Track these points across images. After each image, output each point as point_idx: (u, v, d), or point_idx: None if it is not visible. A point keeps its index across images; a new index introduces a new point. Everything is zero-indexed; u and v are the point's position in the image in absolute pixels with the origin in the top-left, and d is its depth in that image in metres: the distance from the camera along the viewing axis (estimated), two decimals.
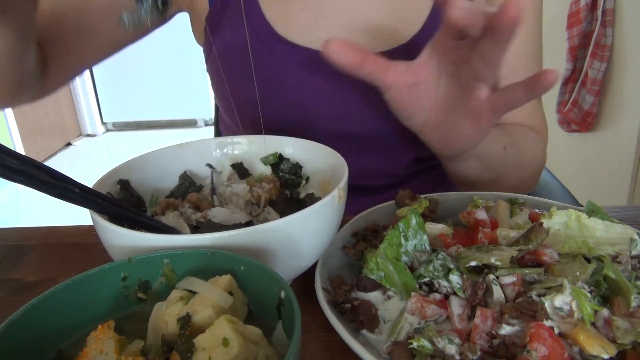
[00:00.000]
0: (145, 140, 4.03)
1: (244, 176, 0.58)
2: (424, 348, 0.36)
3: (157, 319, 0.33)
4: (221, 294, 0.33)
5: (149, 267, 0.37)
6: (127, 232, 0.38)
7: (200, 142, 0.59)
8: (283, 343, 0.32)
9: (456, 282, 0.41)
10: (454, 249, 0.46)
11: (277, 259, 0.40)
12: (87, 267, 0.35)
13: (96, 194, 0.41)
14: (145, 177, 0.54)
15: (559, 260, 0.43)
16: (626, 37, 1.78)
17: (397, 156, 0.76)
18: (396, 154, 0.75)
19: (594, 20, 1.88)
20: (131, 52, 0.80)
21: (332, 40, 0.48)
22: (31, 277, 0.54)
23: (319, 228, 0.43)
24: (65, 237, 0.62)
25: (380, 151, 0.65)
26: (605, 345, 0.35)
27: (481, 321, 0.37)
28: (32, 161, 0.36)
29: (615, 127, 1.88)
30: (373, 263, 0.44)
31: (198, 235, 0.38)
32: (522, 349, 0.35)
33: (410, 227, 0.46)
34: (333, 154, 0.52)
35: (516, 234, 0.46)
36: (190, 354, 0.30)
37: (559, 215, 0.48)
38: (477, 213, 0.51)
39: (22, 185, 0.35)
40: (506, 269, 0.41)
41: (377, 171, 0.77)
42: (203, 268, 0.36)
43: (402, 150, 0.74)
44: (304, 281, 0.47)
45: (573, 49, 1.96)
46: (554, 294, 0.37)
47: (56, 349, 0.33)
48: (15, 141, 3.34)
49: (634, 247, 0.45)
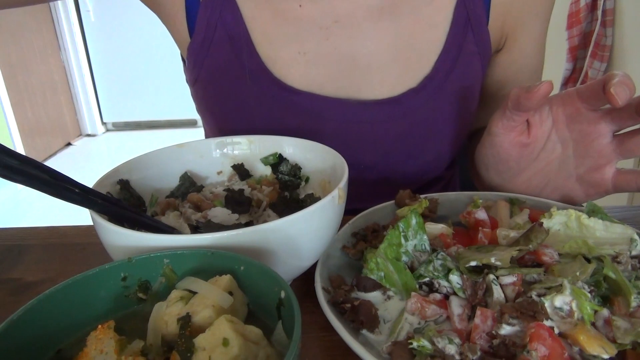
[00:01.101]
0: (145, 140, 4.04)
1: (245, 177, 0.58)
2: (424, 348, 0.36)
3: (157, 319, 0.33)
4: (221, 294, 0.33)
5: (149, 267, 0.37)
6: (127, 232, 0.38)
7: (200, 142, 0.59)
8: (283, 343, 0.32)
9: (456, 282, 0.41)
10: (454, 249, 0.46)
11: (277, 259, 0.40)
12: (87, 267, 0.35)
13: (96, 194, 0.41)
14: (145, 177, 0.54)
15: (559, 260, 0.43)
16: (626, 37, 1.78)
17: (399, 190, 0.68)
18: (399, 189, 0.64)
19: (594, 20, 1.88)
20: (131, 52, 0.80)
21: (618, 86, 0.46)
22: (31, 277, 0.54)
23: (319, 228, 0.43)
24: (65, 237, 0.62)
25: (386, 192, 0.59)
26: (605, 345, 0.35)
27: (481, 321, 0.37)
28: (32, 161, 0.36)
29: None
30: (373, 263, 0.44)
31: (198, 235, 0.38)
32: (522, 349, 0.35)
33: (410, 227, 0.46)
34: (333, 154, 0.52)
35: (516, 234, 0.46)
36: (190, 354, 0.30)
37: (559, 215, 0.48)
38: (477, 213, 0.51)
39: (22, 185, 0.35)
40: (506, 269, 0.41)
41: None
42: (203, 268, 0.36)
43: (406, 187, 0.64)
44: (304, 281, 0.47)
45: (573, 49, 1.96)
46: (554, 294, 0.37)
47: (56, 349, 0.33)
48: (15, 141, 3.34)
49: (634, 247, 0.45)
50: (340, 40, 0.65)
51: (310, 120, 0.66)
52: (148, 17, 0.96)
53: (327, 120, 0.66)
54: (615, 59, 1.84)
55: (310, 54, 0.65)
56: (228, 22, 0.65)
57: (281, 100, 0.65)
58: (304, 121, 0.66)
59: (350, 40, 0.65)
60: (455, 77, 0.66)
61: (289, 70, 0.65)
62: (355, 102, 0.66)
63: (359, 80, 0.66)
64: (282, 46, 0.65)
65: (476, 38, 0.66)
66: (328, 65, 0.65)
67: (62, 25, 3.93)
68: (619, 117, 0.51)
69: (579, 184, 0.56)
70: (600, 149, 0.53)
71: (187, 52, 0.69)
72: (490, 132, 0.57)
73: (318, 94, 0.65)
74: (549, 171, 0.57)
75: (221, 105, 0.69)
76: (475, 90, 0.70)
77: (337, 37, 0.64)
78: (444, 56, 0.65)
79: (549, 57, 0.78)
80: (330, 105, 0.65)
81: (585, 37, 1.93)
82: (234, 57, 0.65)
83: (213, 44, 0.66)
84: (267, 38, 0.65)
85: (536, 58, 0.73)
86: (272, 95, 0.65)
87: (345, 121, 0.66)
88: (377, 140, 0.67)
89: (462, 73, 0.66)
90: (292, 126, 0.65)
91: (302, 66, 0.65)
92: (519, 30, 0.69)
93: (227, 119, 0.69)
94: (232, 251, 0.36)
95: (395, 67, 0.65)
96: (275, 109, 0.66)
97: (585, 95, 0.51)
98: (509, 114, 0.53)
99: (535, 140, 0.56)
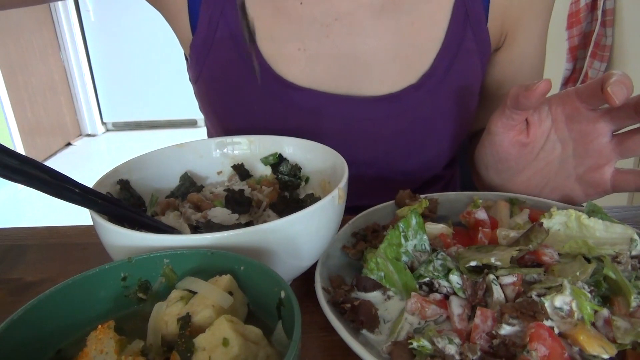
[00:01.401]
0: (145, 140, 4.04)
1: (245, 177, 0.58)
2: (424, 348, 0.36)
3: (157, 319, 0.33)
4: (221, 294, 0.33)
5: (149, 267, 0.37)
6: (127, 232, 0.38)
7: (200, 142, 0.59)
8: (283, 343, 0.32)
9: (456, 282, 0.41)
10: (454, 249, 0.46)
11: (277, 259, 0.40)
12: (87, 267, 0.35)
13: (96, 194, 0.41)
14: (145, 177, 0.54)
15: (559, 260, 0.43)
16: (626, 37, 1.78)
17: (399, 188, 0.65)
18: (399, 188, 0.64)
19: (594, 20, 1.88)
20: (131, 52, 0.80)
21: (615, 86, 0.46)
22: (31, 277, 0.54)
23: (319, 228, 0.43)
24: (65, 237, 0.62)
25: (386, 191, 0.60)
26: (605, 345, 0.35)
27: (481, 321, 0.37)
28: (32, 161, 0.36)
29: None
30: (373, 263, 0.44)
31: (198, 235, 0.38)
32: (522, 349, 0.35)
33: (410, 227, 0.46)
34: (333, 154, 0.52)
35: (516, 234, 0.46)
36: (190, 354, 0.30)
37: (559, 215, 0.48)
38: (477, 213, 0.51)
39: (22, 185, 0.35)
40: (506, 269, 0.41)
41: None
42: (203, 268, 0.36)
43: (406, 185, 0.66)
44: (304, 281, 0.47)
45: (573, 49, 1.96)
46: (554, 294, 0.37)
47: (56, 349, 0.33)
48: (15, 141, 3.34)
49: (634, 247, 0.45)
50: (341, 37, 0.65)
51: (311, 117, 0.66)
52: (148, 16, 0.97)
53: (327, 117, 0.66)
54: (615, 59, 1.84)
55: (311, 51, 0.65)
56: (229, 20, 0.65)
57: (282, 97, 0.66)
58: (304, 118, 0.66)
59: (350, 38, 0.65)
60: (455, 75, 0.66)
61: (289, 67, 0.65)
62: (355, 98, 0.66)
63: (360, 77, 0.66)
64: (283, 43, 0.65)
65: (475, 36, 0.66)
66: (328, 62, 0.65)
67: (62, 25, 3.93)
68: (618, 116, 0.51)
69: (579, 183, 0.56)
70: (599, 149, 0.53)
71: (190, 50, 0.69)
72: (489, 131, 0.57)
73: (318, 91, 0.66)
74: (548, 171, 0.58)
75: (223, 102, 0.69)
76: (475, 88, 0.70)
77: (337, 34, 0.65)
78: (443, 53, 0.65)
79: (549, 57, 0.78)
80: (331, 102, 0.66)
81: (585, 37, 1.93)
82: (236, 54, 0.66)
83: (215, 42, 0.66)
84: (268, 35, 0.65)
85: (537, 58, 0.73)
86: (272, 92, 0.66)
87: (345, 118, 0.66)
88: (377, 137, 0.67)
89: (461, 70, 0.66)
90: (292, 123, 0.66)
91: (302, 63, 0.65)
92: (518, 30, 0.69)
93: (229, 116, 0.70)
94: (232, 251, 0.36)
95: (395, 64, 0.66)
96: (276, 106, 0.66)
97: (584, 95, 0.51)
98: (509, 112, 0.53)
99: (535, 139, 0.56)
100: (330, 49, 0.65)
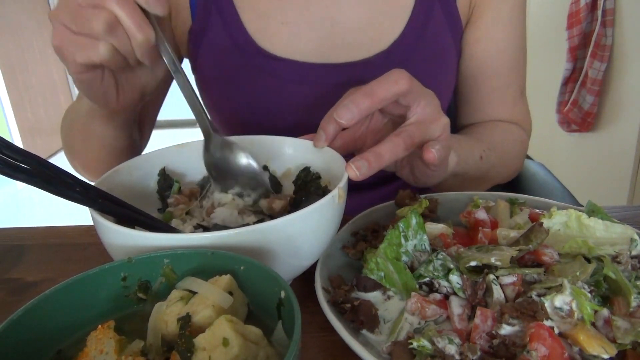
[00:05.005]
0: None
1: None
2: (424, 348, 0.36)
3: (157, 319, 0.33)
4: (221, 294, 0.33)
5: (149, 267, 0.37)
6: (127, 232, 0.38)
7: (200, 142, 0.59)
8: (283, 343, 0.32)
9: (456, 282, 0.41)
10: (454, 249, 0.46)
11: (277, 259, 0.40)
12: (87, 267, 0.35)
13: (97, 193, 0.41)
14: (146, 177, 0.54)
15: (559, 260, 0.43)
16: (626, 37, 1.78)
17: None
18: None
19: (594, 20, 1.88)
20: None
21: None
22: (31, 277, 0.54)
23: (318, 228, 0.43)
24: (65, 237, 0.62)
25: None
26: (605, 345, 0.35)
27: (481, 321, 0.37)
28: (36, 157, 0.36)
29: (615, 127, 1.88)
30: (373, 263, 0.44)
31: (198, 235, 0.38)
32: (522, 349, 0.35)
33: (410, 227, 0.46)
34: (333, 154, 0.52)
35: (516, 234, 0.46)
36: (190, 354, 0.30)
37: (559, 215, 0.48)
38: (477, 213, 0.51)
39: (23, 183, 0.35)
40: (506, 269, 0.41)
41: None
42: (203, 268, 0.36)
43: None
44: (304, 281, 0.47)
45: (573, 49, 1.96)
46: (554, 294, 0.37)
47: (56, 349, 0.33)
48: (15, 141, 3.35)
49: (634, 247, 0.45)
50: (319, 7, 0.70)
51: (296, 88, 0.70)
52: None
53: (308, 85, 0.70)
54: (615, 59, 1.84)
55: (292, 24, 0.70)
56: (220, 3, 0.70)
57: (265, 70, 0.70)
58: (287, 87, 0.70)
59: (328, 8, 0.70)
60: (425, 44, 0.70)
61: (272, 40, 0.70)
62: (333, 65, 0.70)
63: (337, 44, 0.70)
64: (267, 18, 0.70)
65: (443, 8, 0.71)
66: (308, 33, 0.70)
67: None
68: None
69: None
70: None
71: (188, 37, 0.73)
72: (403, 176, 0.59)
73: (299, 61, 0.70)
74: None
75: (217, 84, 0.73)
76: (448, 63, 0.73)
77: (316, 4, 0.70)
78: (413, 22, 0.70)
79: (549, 57, 0.78)
80: (311, 71, 0.70)
81: (585, 37, 1.93)
82: (226, 34, 0.70)
83: (208, 26, 0.71)
84: (254, 12, 0.70)
85: (506, 45, 0.74)
86: (257, 66, 0.70)
87: (325, 84, 0.70)
88: None
89: (431, 41, 0.71)
90: (280, 96, 0.71)
91: (285, 36, 0.70)
92: (485, 6, 0.72)
93: (222, 98, 0.74)
94: (232, 251, 0.36)
95: (368, 31, 0.70)
96: (260, 79, 0.70)
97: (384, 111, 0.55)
98: None
99: None
100: (309, 20, 0.70)
